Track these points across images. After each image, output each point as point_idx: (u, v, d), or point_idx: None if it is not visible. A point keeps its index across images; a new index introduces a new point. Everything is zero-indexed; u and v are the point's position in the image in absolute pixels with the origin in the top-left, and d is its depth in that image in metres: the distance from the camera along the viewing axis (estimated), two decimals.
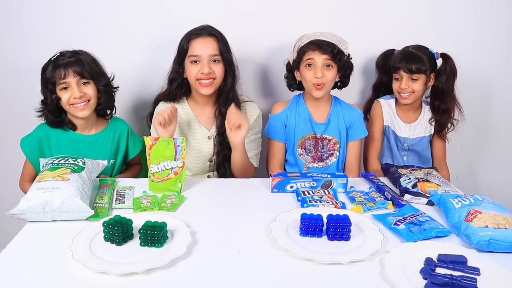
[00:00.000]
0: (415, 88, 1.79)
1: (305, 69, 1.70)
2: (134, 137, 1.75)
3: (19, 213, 1.19)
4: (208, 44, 1.64)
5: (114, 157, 1.70)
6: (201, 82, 1.66)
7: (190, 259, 1.05)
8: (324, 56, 1.66)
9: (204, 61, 1.63)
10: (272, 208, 1.32)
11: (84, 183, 1.30)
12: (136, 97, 2.04)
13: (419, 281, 0.97)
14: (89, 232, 1.13)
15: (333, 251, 1.09)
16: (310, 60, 1.68)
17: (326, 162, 1.82)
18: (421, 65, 1.77)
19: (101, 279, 0.96)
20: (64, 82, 1.54)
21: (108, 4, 1.91)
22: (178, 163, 1.42)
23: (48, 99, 1.55)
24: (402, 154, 1.92)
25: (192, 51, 1.64)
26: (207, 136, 1.74)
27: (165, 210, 1.29)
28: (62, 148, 1.62)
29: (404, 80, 1.80)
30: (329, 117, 1.80)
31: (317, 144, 1.80)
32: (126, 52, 1.96)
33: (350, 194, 1.45)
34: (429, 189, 1.40)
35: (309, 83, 1.71)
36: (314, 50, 1.67)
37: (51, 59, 1.56)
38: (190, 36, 1.66)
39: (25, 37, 1.93)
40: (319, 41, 1.67)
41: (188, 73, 1.67)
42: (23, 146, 1.62)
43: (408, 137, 1.90)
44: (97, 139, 1.67)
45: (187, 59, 1.66)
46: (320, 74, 1.67)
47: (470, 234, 1.13)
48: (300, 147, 1.80)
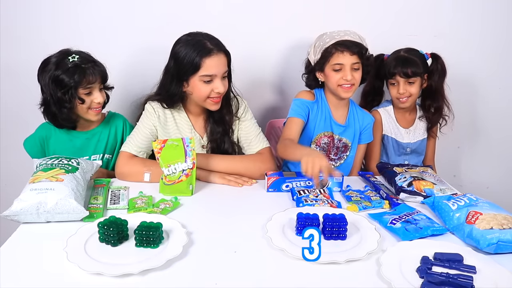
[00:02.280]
0: (413, 91, 1.80)
1: (332, 71, 1.65)
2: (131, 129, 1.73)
3: (12, 215, 1.18)
4: (221, 61, 1.55)
5: (111, 152, 1.71)
6: (214, 100, 1.59)
7: (186, 259, 1.05)
8: (353, 58, 1.62)
9: (219, 80, 1.55)
10: (268, 207, 1.32)
11: (78, 184, 1.29)
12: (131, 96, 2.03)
13: (415, 279, 0.97)
14: (84, 233, 1.13)
15: (329, 250, 1.08)
16: (339, 64, 1.63)
17: (333, 164, 1.80)
18: (416, 68, 1.77)
19: (96, 280, 0.96)
20: (90, 87, 1.55)
21: (103, 4, 1.90)
22: (189, 164, 1.41)
23: (67, 103, 1.54)
24: (404, 158, 1.93)
25: (207, 71, 1.53)
26: (201, 145, 1.71)
27: (155, 213, 1.26)
28: (61, 145, 1.64)
29: (401, 85, 1.79)
30: (348, 120, 1.78)
31: (332, 144, 1.78)
32: (119, 52, 1.95)
33: (346, 193, 1.45)
34: (425, 187, 1.40)
35: (336, 85, 1.67)
36: (343, 52, 1.62)
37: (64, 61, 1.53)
38: (201, 53, 1.52)
39: (19, 37, 1.91)
40: (345, 42, 1.62)
41: (199, 91, 1.57)
42: (26, 146, 1.65)
43: (409, 142, 1.91)
44: (94, 134, 1.68)
45: (198, 77, 1.54)
46: (350, 76, 1.63)
47: (478, 239, 1.11)
48: (315, 143, 1.78)
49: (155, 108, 1.64)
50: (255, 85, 2.06)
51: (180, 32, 1.61)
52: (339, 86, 1.67)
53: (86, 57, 1.57)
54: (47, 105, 1.57)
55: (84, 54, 1.58)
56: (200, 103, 1.61)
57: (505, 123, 2.25)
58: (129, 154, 1.58)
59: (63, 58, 1.53)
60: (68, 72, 1.51)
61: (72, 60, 1.53)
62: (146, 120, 1.63)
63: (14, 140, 1.92)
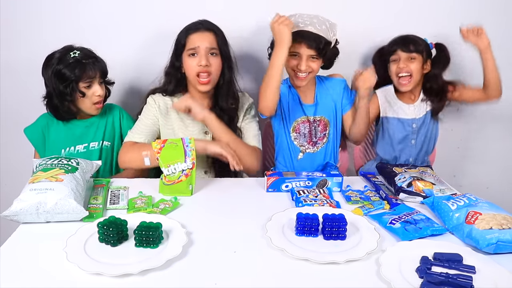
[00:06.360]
0: (413, 68, 1.80)
1: (290, 57, 1.64)
2: (128, 119, 1.80)
3: (12, 215, 1.18)
4: (206, 38, 1.64)
5: (110, 139, 1.77)
6: (200, 80, 1.64)
7: (186, 259, 1.05)
8: (309, 50, 1.62)
9: (201, 53, 1.62)
10: (267, 207, 1.32)
11: (78, 184, 1.29)
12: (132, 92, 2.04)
13: (415, 279, 0.97)
14: (84, 233, 1.13)
15: (329, 250, 1.09)
16: (295, 52, 1.63)
17: (317, 146, 1.80)
18: (418, 45, 1.80)
19: (96, 281, 0.96)
20: (90, 81, 1.62)
21: (103, 1, 1.90)
22: (188, 164, 1.41)
23: (68, 96, 1.61)
24: (411, 138, 1.90)
25: (190, 45, 1.63)
26: (203, 131, 1.73)
27: (155, 213, 1.26)
28: (61, 133, 1.71)
29: (403, 59, 1.80)
30: (316, 97, 1.78)
31: (311, 126, 1.78)
32: (120, 48, 1.96)
33: (346, 193, 1.45)
34: (424, 188, 1.40)
35: (291, 71, 1.68)
36: (300, 43, 1.61)
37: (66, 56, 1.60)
38: (188, 30, 1.65)
39: (19, 35, 1.91)
40: (306, 33, 1.60)
41: (187, 67, 1.66)
42: (27, 133, 1.71)
43: (415, 117, 1.89)
44: (93, 123, 1.74)
45: (185, 53, 1.65)
46: (305, 67, 1.64)
47: (477, 239, 1.11)
48: (294, 131, 1.78)
49: (155, 100, 1.70)
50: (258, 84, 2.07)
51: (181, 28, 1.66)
52: (294, 72, 1.68)
53: (87, 53, 1.64)
54: (50, 98, 1.65)
55: (85, 50, 1.65)
56: (193, 82, 1.67)
57: (505, 123, 2.25)
58: (130, 142, 1.64)
59: (66, 53, 1.61)
60: (70, 66, 1.59)
61: (73, 56, 1.60)
62: (147, 111, 1.69)
63: (14, 138, 1.92)
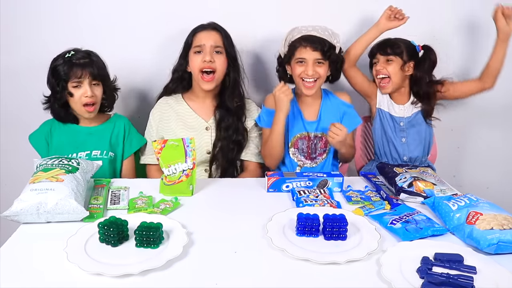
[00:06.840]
0: (390, 70, 1.81)
1: (296, 64, 1.69)
2: (131, 137, 1.75)
3: (12, 215, 1.18)
4: (212, 36, 1.70)
5: (114, 150, 1.72)
6: (204, 77, 1.68)
7: (186, 260, 1.05)
8: (315, 54, 1.65)
9: (206, 50, 1.68)
10: (268, 208, 1.32)
11: (78, 184, 1.29)
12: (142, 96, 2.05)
13: (416, 280, 0.97)
14: (84, 233, 1.13)
15: (329, 250, 1.09)
16: (301, 58, 1.67)
17: (315, 161, 1.80)
18: (396, 48, 1.81)
19: (96, 281, 0.96)
20: (78, 81, 1.60)
21: (102, 3, 1.90)
22: (189, 164, 1.42)
23: (58, 94, 1.61)
24: (401, 135, 1.91)
25: (196, 42, 1.70)
26: (204, 127, 1.75)
27: (155, 213, 1.26)
28: (63, 139, 1.67)
29: (380, 62, 1.84)
30: (320, 114, 1.79)
31: (310, 143, 1.79)
32: (128, 53, 1.96)
33: (347, 194, 1.45)
34: (425, 188, 1.40)
35: (299, 78, 1.70)
36: (306, 47, 1.65)
37: (65, 56, 1.61)
38: (195, 30, 1.73)
39: (19, 38, 1.91)
40: (310, 37, 1.65)
41: (192, 64, 1.71)
42: (32, 141, 1.68)
43: (403, 116, 1.91)
44: (97, 131, 1.71)
45: (192, 51, 1.71)
46: (311, 71, 1.66)
47: (478, 239, 1.11)
48: (293, 146, 1.79)
49: (154, 114, 1.78)
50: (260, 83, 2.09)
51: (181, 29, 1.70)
52: (301, 80, 1.69)
53: (84, 55, 1.63)
54: (49, 98, 1.65)
55: (83, 52, 1.64)
56: (197, 80, 1.72)
57: (505, 123, 2.25)
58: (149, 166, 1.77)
59: (64, 54, 1.62)
60: (61, 66, 1.60)
61: (67, 56, 1.60)
62: (150, 130, 1.78)
63: (14, 140, 1.92)
